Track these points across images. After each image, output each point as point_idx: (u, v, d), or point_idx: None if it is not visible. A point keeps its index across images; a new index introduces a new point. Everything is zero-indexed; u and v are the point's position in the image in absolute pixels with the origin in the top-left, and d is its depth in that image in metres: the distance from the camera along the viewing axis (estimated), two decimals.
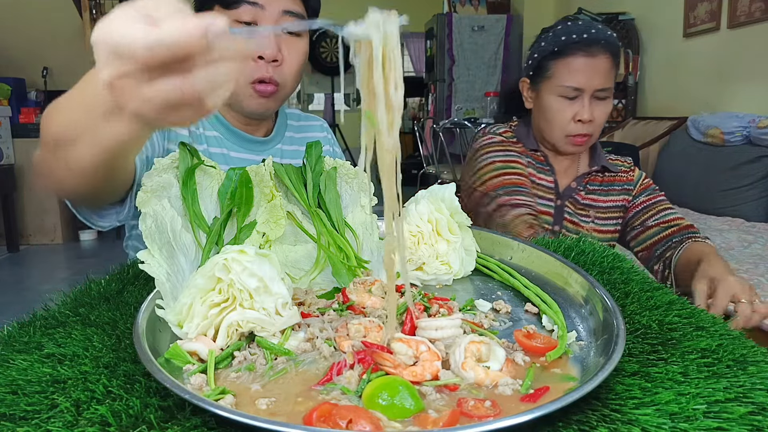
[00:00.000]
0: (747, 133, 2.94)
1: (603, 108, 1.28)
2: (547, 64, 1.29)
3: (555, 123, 1.29)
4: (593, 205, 1.38)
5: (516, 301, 0.77)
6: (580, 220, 1.37)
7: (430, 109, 6.18)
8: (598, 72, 1.24)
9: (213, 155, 1.15)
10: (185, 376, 0.55)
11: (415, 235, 0.84)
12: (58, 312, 0.71)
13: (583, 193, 1.38)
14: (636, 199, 1.38)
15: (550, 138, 1.33)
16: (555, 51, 1.27)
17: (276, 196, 0.83)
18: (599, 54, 1.24)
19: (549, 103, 1.29)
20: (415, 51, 9.39)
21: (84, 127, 0.55)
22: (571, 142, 1.30)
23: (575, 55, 1.25)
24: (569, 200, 1.38)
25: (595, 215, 1.38)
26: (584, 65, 1.24)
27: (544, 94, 1.30)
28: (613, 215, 1.38)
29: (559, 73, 1.27)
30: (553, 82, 1.28)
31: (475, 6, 5.87)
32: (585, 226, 1.37)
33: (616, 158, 1.44)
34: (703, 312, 0.72)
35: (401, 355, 0.57)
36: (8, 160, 4.45)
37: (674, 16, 3.82)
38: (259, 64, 1.05)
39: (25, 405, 0.50)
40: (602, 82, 1.25)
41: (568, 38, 1.26)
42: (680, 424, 0.47)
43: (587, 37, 1.24)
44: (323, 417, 0.47)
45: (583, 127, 1.27)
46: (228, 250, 0.62)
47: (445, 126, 4.23)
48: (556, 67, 1.27)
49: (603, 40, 1.25)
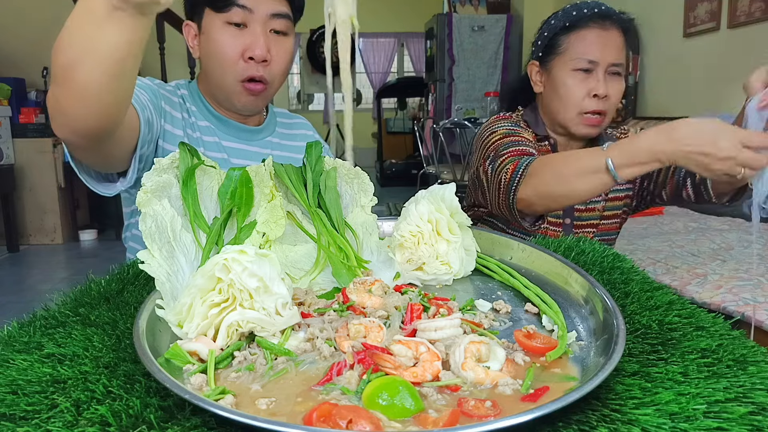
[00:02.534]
0: None
1: (617, 85, 1.24)
2: (558, 39, 1.26)
3: (569, 100, 1.25)
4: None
5: (516, 301, 0.77)
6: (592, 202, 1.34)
7: (430, 109, 6.17)
8: (612, 45, 1.22)
9: (206, 143, 1.18)
10: (185, 376, 0.55)
11: (415, 235, 0.84)
12: (58, 312, 0.71)
13: None
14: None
15: (563, 119, 1.28)
16: (567, 26, 1.24)
17: (276, 196, 0.83)
18: (612, 28, 1.22)
19: (562, 79, 1.25)
20: (415, 51, 9.40)
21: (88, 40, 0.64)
22: (586, 121, 1.25)
23: (589, 27, 1.22)
24: None
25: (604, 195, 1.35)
26: (598, 37, 1.22)
27: (556, 71, 1.27)
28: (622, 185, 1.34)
29: (572, 46, 1.24)
30: (567, 57, 1.24)
31: (475, 6, 5.86)
32: (596, 206, 1.34)
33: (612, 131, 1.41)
34: (703, 312, 0.72)
35: (401, 356, 0.57)
36: (8, 160, 4.45)
37: (674, 16, 3.82)
38: (250, 64, 1.10)
39: (25, 405, 0.50)
40: (616, 56, 1.22)
41: (580, 12, 1.24)
42: (680, 424, 0.47)
43: (599, 11, 1.23)
44: (323, 417, 0.47)
45: (598, 103, 1.23)
46: (228, 250, 0.62)
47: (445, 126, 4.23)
48: (569, 41, 1.24)
49: (615, 15, 1.23)
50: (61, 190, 4.65)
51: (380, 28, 9.31)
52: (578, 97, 1.24)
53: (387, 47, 9.52)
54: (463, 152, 4.08)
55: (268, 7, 1.07)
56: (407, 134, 8.43)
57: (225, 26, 1.08)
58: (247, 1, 1.06)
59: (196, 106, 1.20)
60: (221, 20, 1.07)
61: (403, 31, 9.27)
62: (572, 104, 1.25)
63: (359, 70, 9.53)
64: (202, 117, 1.20)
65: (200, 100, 1.21)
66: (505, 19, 5.69)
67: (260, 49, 1.07)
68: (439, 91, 5.80)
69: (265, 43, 1.08)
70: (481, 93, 5.63)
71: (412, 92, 8.17)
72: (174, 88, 1.19)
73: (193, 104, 1.20)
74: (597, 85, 1.22)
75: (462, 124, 4.11)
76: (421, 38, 7.72)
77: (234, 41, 1.08)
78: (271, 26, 1.09)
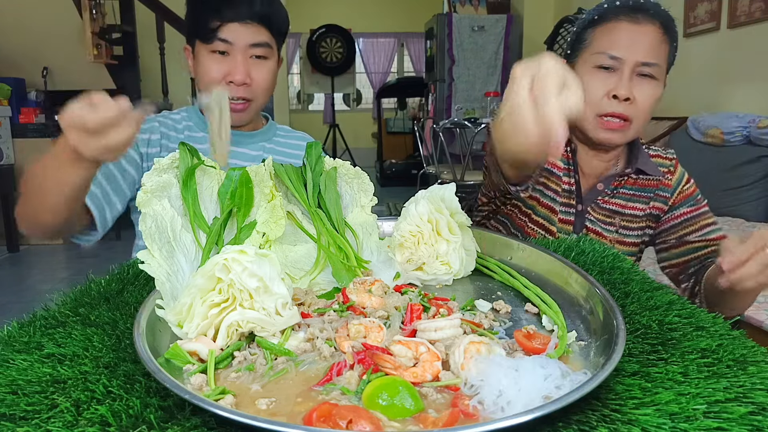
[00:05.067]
0: (747, 133, 2.94)
1: (648, 89, 1.08)
2: (584, 33, 1.13)
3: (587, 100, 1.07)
4: (620, 211, 1.19)
5: (516, 301, 0.77)
6: (603, 228, 1.19)
7: (430, 109, 6.17)
8: (643, 42, 1.06)
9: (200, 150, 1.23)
10: (185, 376, 0.55)
11: (415, 235, 0.84)
12: (58, 312, 0.71)
13: (608, 198, 1.19)
14: (675, 210, 1.20)
15: (582, 123, 1.12)
16: (595, 19, 1.11)
17: (276, 196, 0.83)
18: (645, 22, 1.07)
19: (582, 77, 1.08)
20: (415, 51, 9.41)
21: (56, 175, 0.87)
22: (604, 125, 1.09)
23: (618, 19, 1.08)
24: (592, 205, 1.19)
25: (620, 223, 1.19)
26: (627, 31, 1.07)
27: (578, 68, 1.12)
28: (640, 225, 1.20)
29: (597, 40, 1.10)
30: (590, 51, 1.10)
31: (475, 6, 5.86)
32: (608, 236, 1.19)
33: (657, 152, 1.23)
34: (703, 312, 0.72)
35: (401, 356, 0.57)
36: (8, 160, 4.45)
37: (674, 16, 3.79)
38: (231, 86, 1.22)
39: (25, 405, 0.50)
40: (646, 54, 1.06)
41: (611, 4, 1.10)
42: (680, 424, 0.47)
43: (633, 3, 1.08)
44: (323, 417, 0.47)
45: (619, 105, 1.06)
46: (228, 250, 0.62)
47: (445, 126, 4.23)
48: (594, 34, 1.11)
49: (651, 9, 1.09)
50: None
51: (380, 28, 9.32)
52: (596, 96, 1.08)
53: (387, 47, 9.53)
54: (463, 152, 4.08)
55: (247, 39, 1.21)
56: (407, 134, 8.42)
57: (210, 54, 1.22)
58: (227, 35, 1.20)
59: (194, 121, 1.33)
60: (207, 49, 1.22)
61: (403, 31, 9.28)
62: (590, 104, 1.09)
63: (359, 70, 9.53)
64: (197, 129, 1.32)
65: (196, 115, 1.34)
66: (505, 19, 5.69)
67: (240, 74, 1.21)
68: (439, 91, 5.80)
69: (245, 68, 1.22)
70: (481, 93, 5.63)
71: (412, 92, 8.17)
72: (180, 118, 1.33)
73: (191, 120, 1.33)
74: (619, 84, 1.06)
75: (462, 124, 4.10)
76: (421, 38, 7.72)
77: (217, 66, 1.22)
78: (251, 53, 1.22)
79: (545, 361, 0.54)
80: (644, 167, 1.16)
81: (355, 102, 9.74)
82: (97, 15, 4.63)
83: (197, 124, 1.33)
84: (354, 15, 9.08)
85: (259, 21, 1.21)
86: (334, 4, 9.04)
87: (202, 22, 1.21)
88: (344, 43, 8.82)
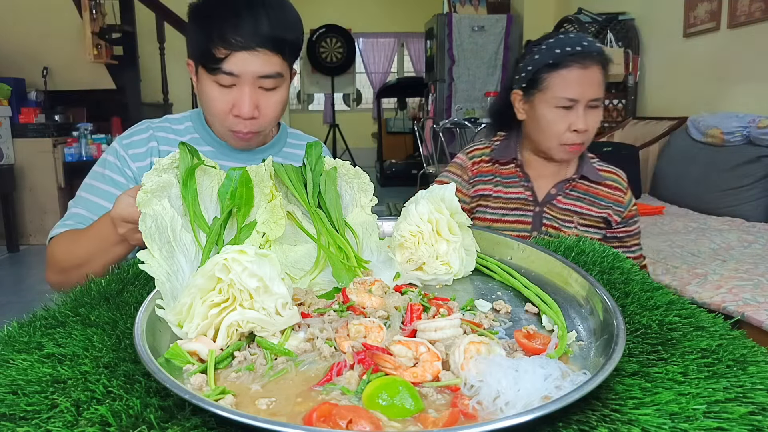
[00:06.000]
0: (747, 133, 2.94)
1: (595, 116, 1.32)
2: (541, 76, 1.32)
3: (551, 133, 1.33)
4: (579, 211, 1.40)
5: (516, 301, 0.77)
6: (561, 224, 1.39)
7: (430, 109, 6.17)
8: (592, 83, 1.29)
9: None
10: (185, 376, 0.55)
11: (415, 235, 0.84)
12: (58, 312, 0.71)
13: (562, 198, 1.40)
14: (620, 225, 1.43)
15: (546, 147, 1.36)
16: (550, 63, 1.30)
17: (276, 196, 0.83)
18: (592, 66, 1.28)
19: (544, 114, 1.33)
20: (415, 51, 9.40)
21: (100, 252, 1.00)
22: (566, 150, 1.34)
23: (570, 67, 1.28)
24: (548, 206, 1.40)
25: (579, 221, 1.40)
26: (579, 77, 1.28)
27: (538, 105, 1.34)
28: (597, 225, 1.41)
29: (554, 85, 1.30)
30: (549, 94, 1.31)
31: (475, 6, 5.86)
32: (567, 231, 1.39)
33: (607, 169, 1.45)
34: (703, 312, 0.72)
35: (401, 356, 0.57)
36: (8, 160, 4.45)
37: (674, 16, 3.82)
38: (238, 119, 1.11)
39: (25, 405, 0.50)
40: (595, 92, 1.29)
41: (563, 51, 1.29)
42: (680, 424, 0.47)
43: (581, 49, 1.28)
44: (323, 417, 0.47)
45: (578, 136, 1.31)
46: (228, 250, 0.61)
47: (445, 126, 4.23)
48: (551, 79, 1.30)
49: (596, 52, 1.29)
50: (61, 190, 4.64)
51: (380, 28, 9.31)
52: (559, 131, 1.32)
53: (387, 47, 9.52)
54: None
55: (255, 70, 1.05)
56: (407, 134, 8.42)
57: (214, 83, 1.08)
58: (234, 67, 1.04)
59: (200, 133, 1.23)
60: (211, 79, 1.08)
61: (403, 31, 9.28)
62: (554, 137, 1.33)
63: (359, 70, 9.53)
64: (204, 143, 1.22)
65: (203, 127, 1.23)
66: (505, 19, 5.69)
67: (247, 108, 1.07)
68: (439, 91, 5.80)
69: (252, 101, 1.08)
70: (481, 93, 5.63)
71: (412, 92, 8.17)
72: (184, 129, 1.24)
73: (196, 132, 1.23)
74: (577, 120, 1.29)
75: (462, 124, 4.11)
76: (421, 38, 7.72)
77: (222, 97, 1.09)
78: (260, 84, 1.08)
79: (545, 361, 0.54)
80: (587, 174, 1.41)
81: (355, 102, 9.74)
82: (97, 15, 4.63)
83: (203, 137, 1.22)
84: (354, 15, 9.08)
85: (272, 48, 1.05)
86: (334, 4, 9.04)
87: (206, 48, 1.05)
88: (344, 43, 8.82)
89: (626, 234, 1.44)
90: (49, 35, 5.07)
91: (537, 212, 1.40)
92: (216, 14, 1.05)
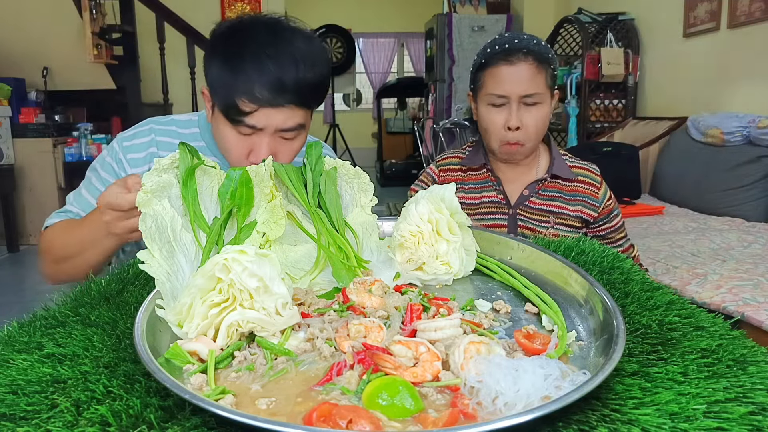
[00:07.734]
0: (747, 133, 2.94)
1: (533, 114, 1.32)
2: (477, 75, 1.37)
3: (490, 131, 1.36)
4: (554, 211, 1.40)
5: (516, 301, 0.77)
6: (537, 225, 1.40)
7: (430, 109, 6.17)
8: (521, 79, 1.30)
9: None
10: (185, 376, 0.55)
11: (415, 235, 0.84)
12: (58, 312, 0.71)
13: (535, 198, 1.40)
14: (599, 222, 1.42)
15: (491, 147, 1.39)
16: (483, 63, 1.35)
17: (276, 196, 0.83)
18: (519, 62, 1.30)
19: (482, 113, 1.37)
20: (415, 51, 9.40)
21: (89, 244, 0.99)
22: (506, 150, 1.35)
23: (497, 64, 1.31)
24: (521, 207, 1.41)
25: (555, 221, 1.40)
26: (507, 73, 1.30)
27: (480, 105, 1.38)
28: (573, 224, 1.41)
29: (486, 82, 1.34)
30: (484, 92, 1.35)
31: (475, 6, 5.86)
32: (544, 231, 1.39)
33: (580, 165, 1.44)
34: (703, 312, 0.72)
35: (401, 356, 0.57)
36: (8, 160, 4.45)
37: (674, 16, 3.82)
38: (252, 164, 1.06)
39: (25, 405, 0.50)
40: (526, 88, 1.30)
41: (492, 50, 1.33)
42: (680, 424, 0.47)
43: (507, 47, 1.31)
44: (323, 417, 0.47)
45: (514, 135, 1.32)
46: (228, 250, 0.62)
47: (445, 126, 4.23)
48: (484, 77, 1.35)
49: (524, 49, 1.30)
50: (61, 190, 4.64)
51: (380, 28, 9.31)
52: (496, 128, 1.34)
53: (387, 47, 9.52)
54: None
55: (278, 125, 1.02)
56: (407, 134, 8.42)
57: (233, 129, 1.04)
58: (257, 121, 1.00)
59: (205, 140, 1.20)
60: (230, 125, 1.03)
61: (403, 31, 9.27)
62: (493, 135, 1.36)
63: (359, 70, 9.53)
64: (210, 153, 1.18)
65: (211, 138, 1.19)
66: (505, 19, 5.69)
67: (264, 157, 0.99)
68: (439, 91, 5.80)
69: (271, 151, 1.03)
70: None
71: (412, 92, 8.17)
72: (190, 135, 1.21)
73: (203, 140, 1.20)
74: (509, 117, 1.31)
75: (462, 124, 4.11)
76: (421, 38, 7.72)
77: (240, 143, 1.04)
78: (280, 134, 1.04)
79: (545, 361, 0.54)
80: (558, 172, 1.40)
81: (355, 102, 9.74)
82: (97, 15, 4.63)
83: (210, 147, 1.19)
84: (354, 15, 9.08)
85: (299, 104, 1.02)
86: (334, 4, 9.03)
87: (231, 100, 1.00)
88: (344, 43, 8.82)
89: (609, 230, 1.43)
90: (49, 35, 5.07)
91: (511, 215, 1.41)
92: (243, 67, 0.99)
